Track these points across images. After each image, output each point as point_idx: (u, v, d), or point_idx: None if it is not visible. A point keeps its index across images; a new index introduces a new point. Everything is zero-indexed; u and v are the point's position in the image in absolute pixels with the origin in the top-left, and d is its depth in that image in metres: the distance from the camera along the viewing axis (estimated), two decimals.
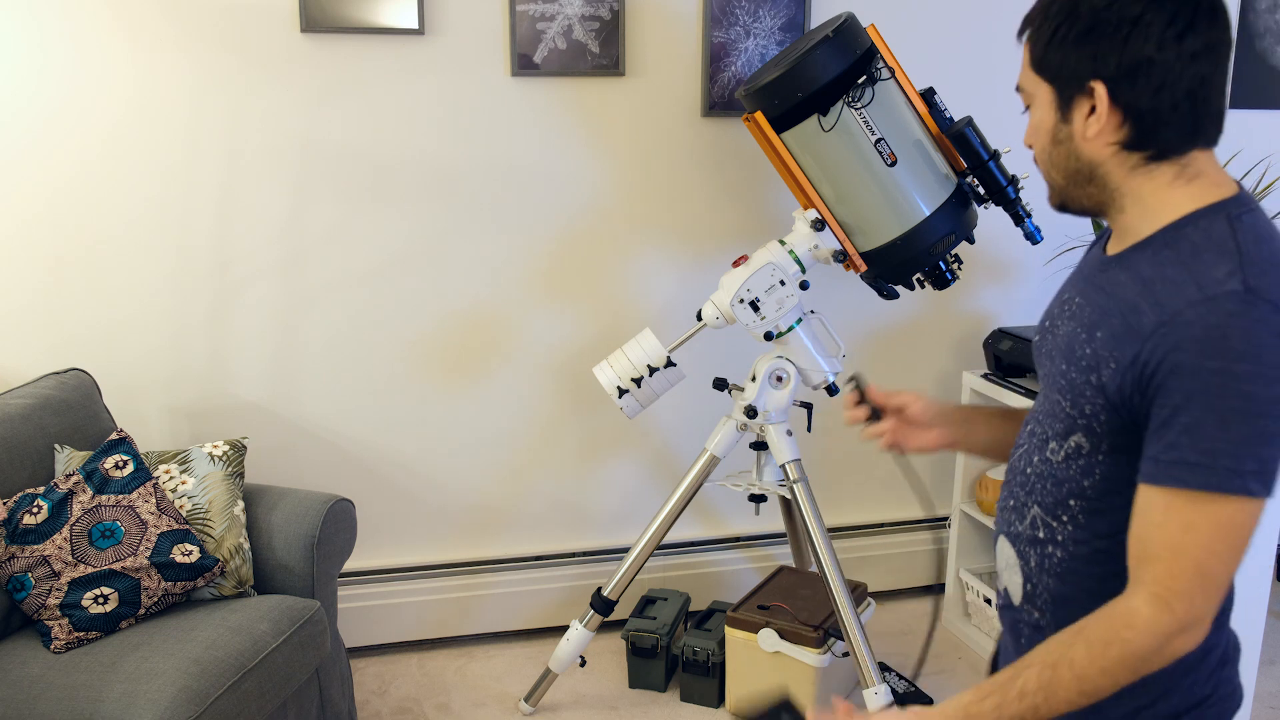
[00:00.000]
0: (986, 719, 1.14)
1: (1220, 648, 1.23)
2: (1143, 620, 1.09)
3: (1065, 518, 1.23)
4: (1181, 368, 1.06)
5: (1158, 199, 1.16)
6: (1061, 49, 1.14)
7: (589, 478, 3.10)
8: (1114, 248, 1.21)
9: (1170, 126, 1.13)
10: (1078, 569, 1.23)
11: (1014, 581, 1.31)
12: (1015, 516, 1.30)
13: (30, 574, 2.14)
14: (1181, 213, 1.14)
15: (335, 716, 2.44)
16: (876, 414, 1.52)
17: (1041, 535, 1.26)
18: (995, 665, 1.44)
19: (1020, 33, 1.21)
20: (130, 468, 2.29)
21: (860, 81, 2.33)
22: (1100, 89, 1.13)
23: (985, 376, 3.02)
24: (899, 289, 3.09)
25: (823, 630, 2.64)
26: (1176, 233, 1.13)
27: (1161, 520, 1.09)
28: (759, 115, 2.40)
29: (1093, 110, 1.14)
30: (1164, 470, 1.08)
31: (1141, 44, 1.10)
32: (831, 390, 2.59)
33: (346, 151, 2.75)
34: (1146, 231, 1.16)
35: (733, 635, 2.72)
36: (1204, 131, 1.14)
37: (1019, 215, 2.47)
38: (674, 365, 2.50)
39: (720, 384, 2.64)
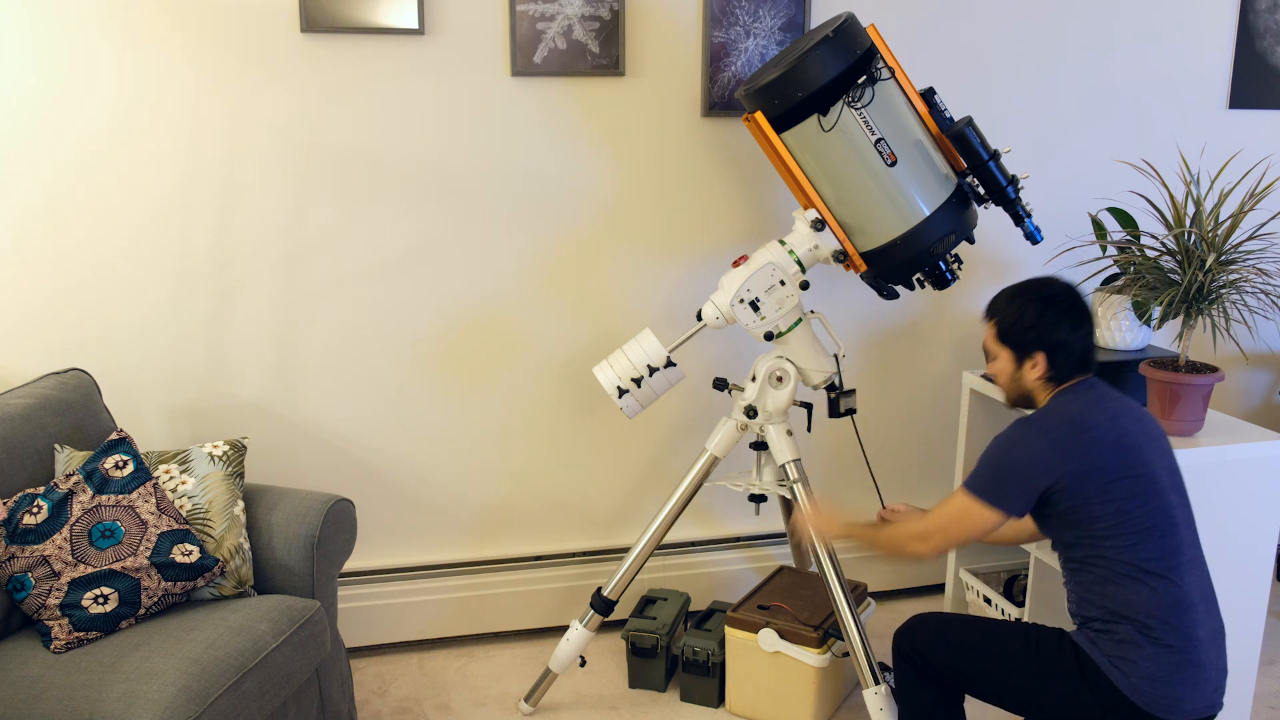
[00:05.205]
0: (854, 531, 2.30)
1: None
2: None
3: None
4: None
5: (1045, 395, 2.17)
6: (1015, 335, 2.14)
7: (589, 478, 3.10)
8: None
9: (1069, 372, 2.13)
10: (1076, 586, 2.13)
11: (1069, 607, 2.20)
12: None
13: (30, 574, 2.14)
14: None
15: (335, 716, 2.44)
16: None
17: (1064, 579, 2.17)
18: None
19: (986, 317, 2.22)
20: (130, 468, 2.29)
21: (860, 81, 2.33)
22: (1041, 356, 2.11)
23: (985, 376, 3.02)
24: (899, 289, 3.10)
25: (823, 630, 2.64)
26: None
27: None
28: (759, 115, 2.40)
29: (1034, 364, 2.13)
30: None
31: (1058, 335, 2.10)
32: (831, 390, 2.59)
33: (346, 152, 2.75)
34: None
35: (733, 635, 2.72)
36: (1085, 371, 2.14)
37: (1019, 215, 2.47)
38: (674, 365, 2.50)
39: (720, 384, 2.64)
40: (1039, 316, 2.10)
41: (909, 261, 2.44)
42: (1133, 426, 2.05)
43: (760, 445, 2.64)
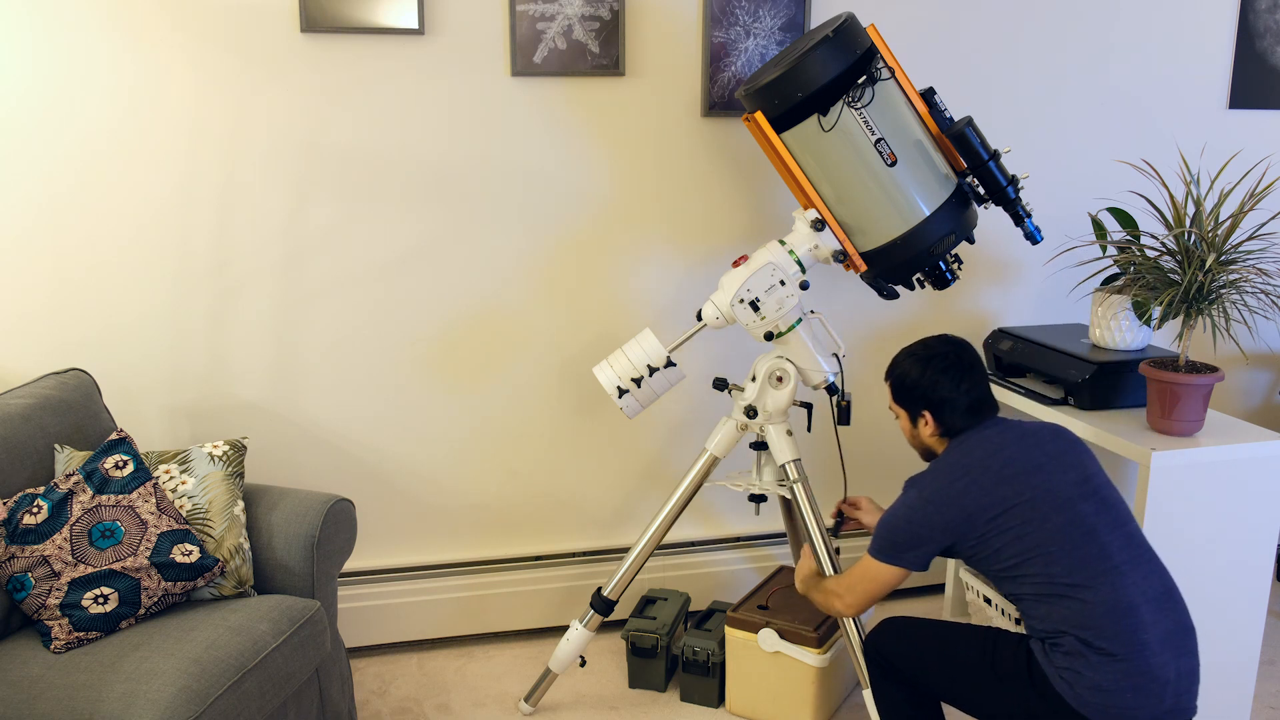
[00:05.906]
0: (809, 580, 2.43)
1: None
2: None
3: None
4: None
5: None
6: (903, 395, 2.26)
7: (589, 478, 3.10)
8: None
9: (959, 425, 2.21)
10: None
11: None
12: None
13: (30, 574, 2.14)
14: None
15: (335, 716, 2.44)
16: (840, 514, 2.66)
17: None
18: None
19: (885, 379, 2.31)
20: (130, 468, 2.29)
21: (860, 81, 2.33)
22: (928, 414, 2.22)
23: None
24: (899, 289, 3.10)
25: (823, 630, 2.64)
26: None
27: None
28: (759, 115, 2.40)
29: (925, 422, 2.23)
30: None
31: (939, 391, 2.20)
32: (831, 390, 2.59)
33: (346, 152, 2.75)
34: None
35: (733, 635, 2.72)
36: (978, 419, 2.21)
37: (1019, 215, 2.47)
38: (674, 365, 2.50)
39: (720, 384, 2.64)
40: (920, 376, 2.22)
41: (909, 261, 2.44)
42: (1018, 456, 2.09)
43: (760, 445, 2.64)
